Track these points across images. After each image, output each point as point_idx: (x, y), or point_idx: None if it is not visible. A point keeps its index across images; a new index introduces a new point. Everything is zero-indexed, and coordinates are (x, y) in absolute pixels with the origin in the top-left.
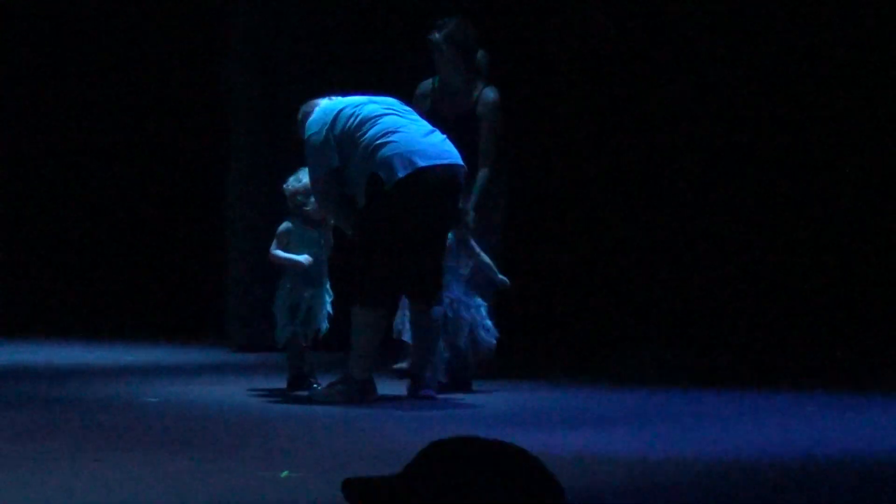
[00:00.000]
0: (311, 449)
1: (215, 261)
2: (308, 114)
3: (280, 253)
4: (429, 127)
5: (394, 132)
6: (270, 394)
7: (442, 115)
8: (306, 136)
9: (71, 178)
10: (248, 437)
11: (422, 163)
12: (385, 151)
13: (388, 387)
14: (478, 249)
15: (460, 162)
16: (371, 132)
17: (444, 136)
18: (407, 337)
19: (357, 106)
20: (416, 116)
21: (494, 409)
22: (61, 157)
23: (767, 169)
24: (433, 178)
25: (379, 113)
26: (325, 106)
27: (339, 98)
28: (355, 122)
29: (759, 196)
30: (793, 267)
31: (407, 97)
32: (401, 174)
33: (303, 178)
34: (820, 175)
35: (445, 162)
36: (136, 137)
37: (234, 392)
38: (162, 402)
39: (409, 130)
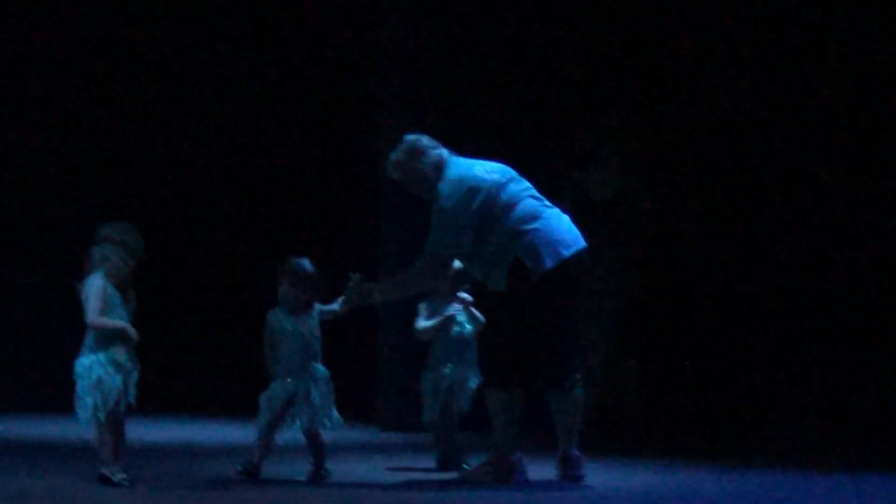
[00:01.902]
0: None
1: (366, 339)
2: (419, 151)
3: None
4: (558, 210)
5: (536, 218)
6: (419, 474)
7: None
8: (444, 204)
9: (223, 258)
10: None
11: (566, 253)
12: (531, 239)
13: (538, 468)
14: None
15: (585, 244)
16: (514, 215)
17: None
18: None
19: (499, 186)
20: (543, 199)
21: (644, 490)
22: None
23: None
24: (573, 266)
25: (518, 195)
26: (464, 174)
27: (464, 159)
28: (499, 205)
29: None
30: None
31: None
32: (549, 265)
33: None
34: None
35: (581, 247)
36: (289, 204)
37: (379, 471)
38: (310, 480)
39: (549, 217)
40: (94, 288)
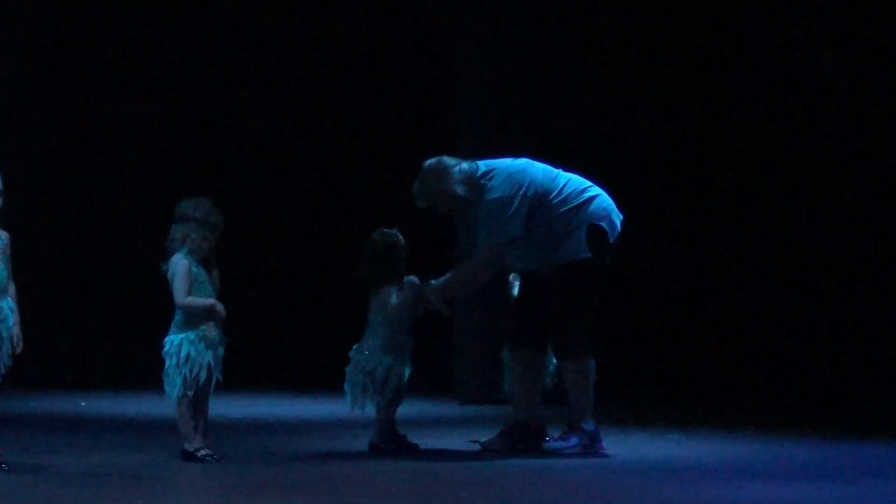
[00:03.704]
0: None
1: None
2: (446, 171)
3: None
4: None
5: (589, 187)
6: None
7: None
8: (492, 196)
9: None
10: (478, 489)
11: (622, 216)
12: (600, 203)
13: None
14: None
15: None
16: (568, 189)
17: None
18: None
19: (533, 165)
20: None
21: (716, 460)
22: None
23: None
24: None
25: (554, 171)
26: (500, 166)
27: (486, 160)
28: (546, 180)
29: None
30: None
31: None
32: (619, 229)
33: None
34: None
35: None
36: (365, 188)
37: (459, 444)
38: (391, 453)
39: (596, 187)
40: (180, 268)
